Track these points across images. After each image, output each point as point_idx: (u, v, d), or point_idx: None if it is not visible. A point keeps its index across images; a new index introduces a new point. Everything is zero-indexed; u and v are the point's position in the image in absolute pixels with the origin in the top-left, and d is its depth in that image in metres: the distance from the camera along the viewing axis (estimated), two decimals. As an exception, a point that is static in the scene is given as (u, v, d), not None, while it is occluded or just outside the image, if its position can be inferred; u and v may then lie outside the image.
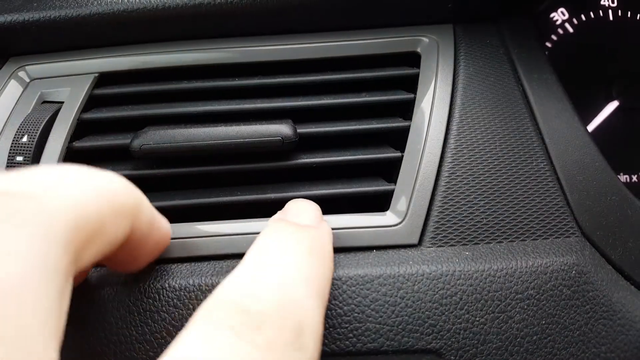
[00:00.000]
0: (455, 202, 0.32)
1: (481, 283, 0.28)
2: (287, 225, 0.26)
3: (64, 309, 0.18)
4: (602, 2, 0.46)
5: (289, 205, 0.30)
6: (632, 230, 0.31)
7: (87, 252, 0.20)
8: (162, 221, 0.27)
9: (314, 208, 0.29)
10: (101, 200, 0.20)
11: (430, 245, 0.31)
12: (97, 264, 0.26)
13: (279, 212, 0.29)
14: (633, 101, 0.44)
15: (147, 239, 0.25)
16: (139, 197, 0.23)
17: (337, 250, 0.31)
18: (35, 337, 0.15)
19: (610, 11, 0.46)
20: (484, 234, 0.31)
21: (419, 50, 0.39)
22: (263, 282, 0.20)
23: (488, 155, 0.33)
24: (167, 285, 0.28)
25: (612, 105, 0.44)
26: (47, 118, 0.36)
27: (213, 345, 0.17)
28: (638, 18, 0.46)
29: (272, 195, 0.33)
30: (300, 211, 0.29)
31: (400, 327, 0.27)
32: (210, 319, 0.19)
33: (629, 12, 0.46)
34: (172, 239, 0.31)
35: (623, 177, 0.43)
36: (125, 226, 0.22)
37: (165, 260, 0.30)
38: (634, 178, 0.43)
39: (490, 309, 0.28)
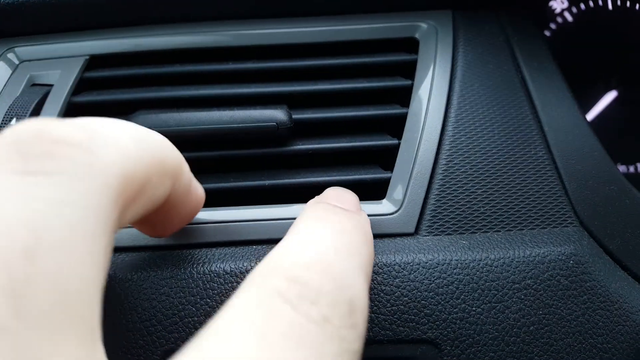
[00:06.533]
0: (453, 190, 0.31)
1: (478, 272, 0.28)
2: (330, 206, 0.25)
3: (107, 265, 0.17)
4: (602, -9, 0.45)
5: (328, 191, 0.29)
6: (630, 220, 0.31)
7: (131, 208, 0.20)
8: (198, 186, 0.26)
9: (353, 195, 0.29)
10: (149, 156, 0.20)
11: (426, 234, 0.30)
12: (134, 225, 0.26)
13: (317, 197, 0.28)
14: (632, 92, 0.44)
15: (185, 201, 0.25)
16: (181, 158, 0.23)
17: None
18: (83, 289, 0.15)
19: (610, 1, 0.45)
20: (481, 222, 0.31)
21: (417, 36, 0.38)
22: (316, 256, 0.20)
23: (486, 143, 0.33)
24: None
25: (611, 96, 0.44)
26: (37, 101, 0.35)
27: (268, 314, 0.17)
28: (637, 8, 0.45)
29: (267, 182, 0.33)
30: (340, 197, 0.28)
31: (395, 316, 0.27)
32: (264, 287, 0.18)
33: (629, 2, 0.45)
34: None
35: (621, 168, 0.43)
36: (168, 185, 0.22)
37: (157, 247, 0.30)
38: (632, 169, 0.43)
39: (487, 298, 0.28)
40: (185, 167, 0.24)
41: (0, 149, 0.16)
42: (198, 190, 0.26)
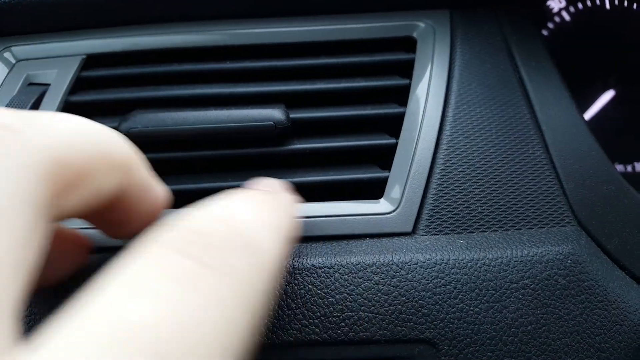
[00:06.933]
0: (450, 189, 0.31)
1: (476, 272, 0.28)
2: (238, 190, 0.25)
3: (36, 245, 0.16)
4: (599, -9, 0.45)
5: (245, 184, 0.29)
6: (628, 220, 0.31)
7: (72, 195, 0.19)
8: (157, 186, 0.26)
9: (272, 180, 0.28)
10: (89, 144, 0.20)
11: (424, 234, 0.30)
12: (89, 223, 0.25)
13: None
14: (629, 91, 0.44)
15: (141, 200, 0.24)
16: (131, 154, 0.23)
17: (330, 237, 0.30)
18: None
19: (607, 0, 0.45)
20: (479, 222, 0.30)
21: (414, 35, 0.38)
22: (217, 212, 0.20)
23: (484, 143, 0.33)
24: None
25: (609, 95, 0.44)
26: (33, 100, 0.35)
27: (156, 266, 0.16)
28: (635, 7, 0.45)
29: (264, 182, 0.33)
30: (257, 184, 0.28)
31: (393, 316, 0.27)
32: (154, 242, 0.17)
33: (626, 1, 0.45)
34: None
35: (619, 167, 0.43)
36: (115, 178, 0.21)
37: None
38: (629, 168, 0.43)
39: (485, 298, 0.28)
40: (139, 164, 0.23)
41: None
42: (158, 190, 0.25)
